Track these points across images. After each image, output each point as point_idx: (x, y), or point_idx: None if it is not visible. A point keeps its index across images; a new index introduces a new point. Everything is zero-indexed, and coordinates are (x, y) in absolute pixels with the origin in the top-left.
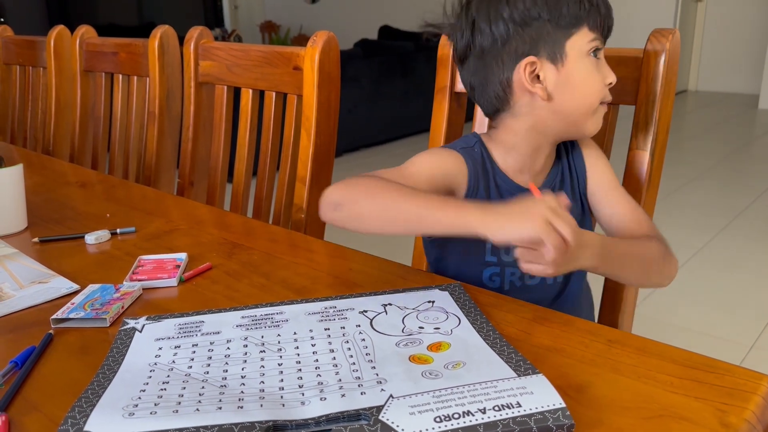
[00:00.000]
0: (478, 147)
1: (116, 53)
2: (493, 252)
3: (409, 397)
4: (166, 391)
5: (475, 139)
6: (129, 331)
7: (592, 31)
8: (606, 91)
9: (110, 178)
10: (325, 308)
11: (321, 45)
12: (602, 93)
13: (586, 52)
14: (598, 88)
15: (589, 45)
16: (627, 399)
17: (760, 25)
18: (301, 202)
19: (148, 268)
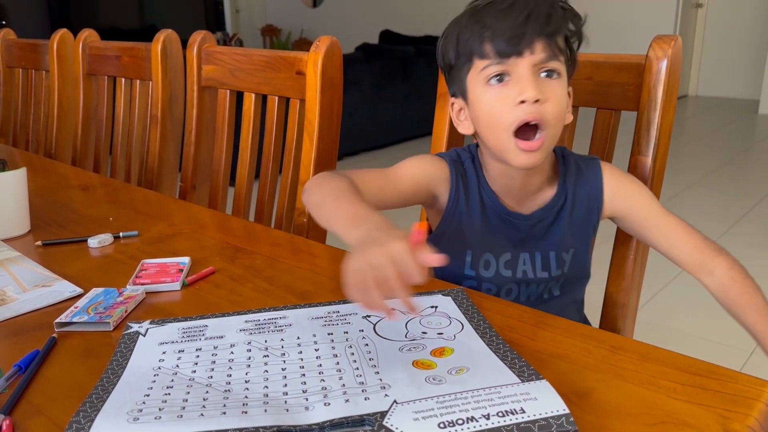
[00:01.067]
0: (469, 162)
1: (119, 57)
2: (472, 266)
3: (413, 402)
4: (170, 395)
5: (469, 155)
6: (133, 335)
7: (484, 59)
8: (517, 111)
9: (113, 181)
10: (328, 313)
11: (324, 50)
12: (508, 116)
13: (483, 82)
14: (500, 113)
15: (483, 73)
16: (630, 405)
17: (759, 30)
18: (303, 207)
19: (151, 272)
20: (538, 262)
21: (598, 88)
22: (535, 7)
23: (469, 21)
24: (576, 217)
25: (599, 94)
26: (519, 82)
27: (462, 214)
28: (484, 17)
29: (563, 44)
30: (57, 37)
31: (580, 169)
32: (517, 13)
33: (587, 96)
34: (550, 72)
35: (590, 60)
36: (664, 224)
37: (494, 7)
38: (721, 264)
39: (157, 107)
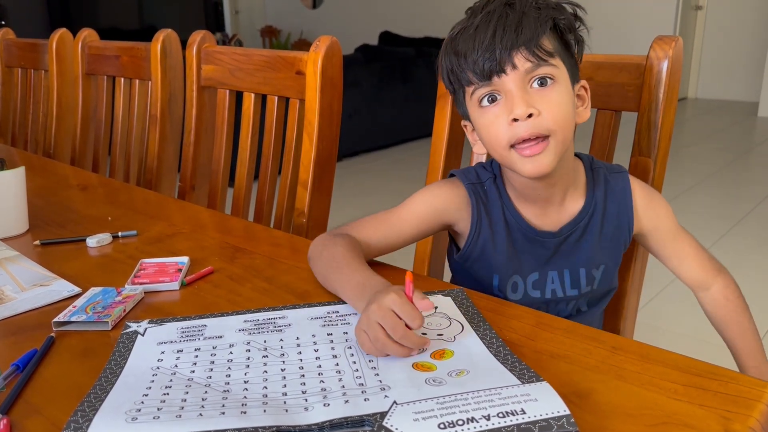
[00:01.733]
0: (490, 183)
1: (118, 56)
2: (500, 288)
3: (412, 403)
4: (168, 395)
5: (491, 174)
6: (131, 334)
7: (471, 84)
8: (512, 129)
9: (112, 181)
10: (327, 313)
11: (324, 50)
12: (504, 135)
13: (476, 104)
14: (496, 132)
15: (474, 97)
16: (631, 406)
17: (759, 32)
18: (302, 207)
19: (149, 271)
20: (567, 279)
21: (599, 88)
22: (500, 19)
23: (448, 52)
24: (606, 233)
25: (600, 94)
26: (508, 99)
27: (486, 239)
28: (458, 45)
29: (554, 43)
30: (56, 37)
31: (609, 182)
32: (483, 33)
33: None
34: (543, 79)
35: (590, 61)
36: (679, 243)
37: (466, 32)
38: (719, 282)
39: (156, 107)
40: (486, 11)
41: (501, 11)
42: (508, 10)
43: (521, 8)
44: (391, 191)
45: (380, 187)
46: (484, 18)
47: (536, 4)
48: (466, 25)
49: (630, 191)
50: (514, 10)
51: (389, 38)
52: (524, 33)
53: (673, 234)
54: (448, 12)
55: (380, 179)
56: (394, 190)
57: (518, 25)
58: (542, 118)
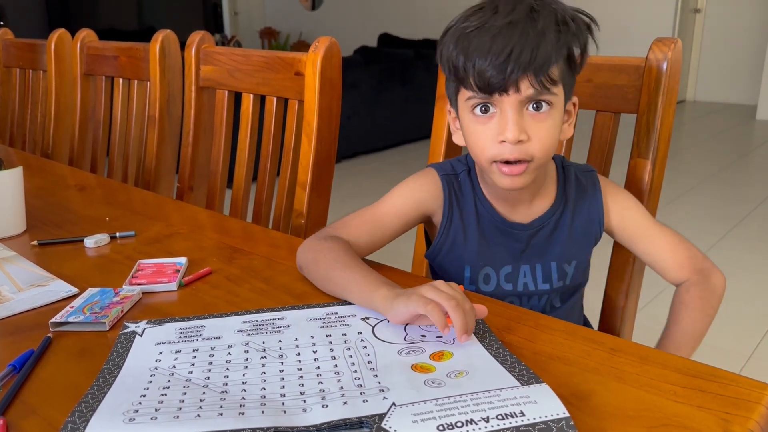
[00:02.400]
0: (464, 175)
1: (117, 57)
2: (471, 281)
3: (411, 405)
4: (166, 396)
5: (464, 167)
6: (129, 335)
7: (468, 90)
8: (498, 148)
9: (110, 181)
10: (326, 314)
11: (323, 51)
12: (488, 151)
13: (468, 109)
14: (482, 145)
15: (468, 102)
16: (631, 408)
17: (757, 35)
18: (301, 208)
19: (147, 272)
20: (539, 273)
21: (598, 90)
22: (519, 40)
23: (456, 44)
24: (576, 228)
25: (598, 96)
26: (502, 119)
27: (457, 229)
28: (469, 46)
29: (561, 69)
30: (55, 37)
31: (580, 181)
32: (499, 47)
33: (586, 98)
34: (539, 104)
35: (589, 62)
36: (654, 238)
37: (480, 35)
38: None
39: (154, 107)
40: (508, 20)
41: (523, 26)
42: (530, 26)
43: (543, 26)
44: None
45: (379, 188)
46: (504, 28)
47: (557, 23)
48: (483, 24)
49: (599, 188)
50: (535, 27)
51: (388, 40)
52: (538, 60)
53: (645, 229)
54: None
55: (379, 181)
56: None
57: (535, 48)
58: (530, 144)
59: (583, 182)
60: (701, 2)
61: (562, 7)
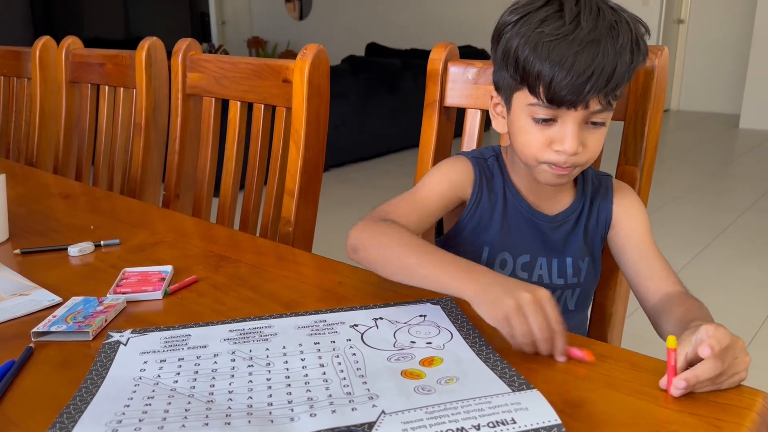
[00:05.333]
0: (493, 160)
1: (103, 64)
2: (488, 263)
3: (401, 413)
4: (151, 406)
5: (492, 153)
6: (113, 344)
7: (533, 96)
8: (551, 155)
9: (95, 189)
10: (314, 322)
11: (311, 58)
12: (540, 154)
13: (527, 113)
14: (535, 148)
15: (530, 108)
16: (622, 415)
17: (740, 45)
18: (289, 215)
19: (132, 280)
20: (555, 268)
21: None
22: (601, 60)
23: (534, 48)
24: (590, 226)
25: None
26: (563, 130)
27: (484, 211)
28: (549, 55)
29: (622, 89)
30: (39, 45)
31: (594, 183)
32: (581, 66)
33: None
34: (597, 122)
35: None
36: (652, 256)
37: (561, 48)
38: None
39: (140, 115)
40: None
41: (605, 44)
42: (610, 45)
43: (622, 45)
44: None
45: (368, 196)
46: (588, 45)
47: (632, 42)
48: (565, 36)
49: (612, 190)
50: (615, 46)
51: (376, 50)
52: (613, 81)
53: (646, 244)
54: (434, 24)
55: (368, 189)
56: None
57: (613, 69)
58: (582, 155)
59: (596, 183)
60: (684, 13)
61: (635, 25)
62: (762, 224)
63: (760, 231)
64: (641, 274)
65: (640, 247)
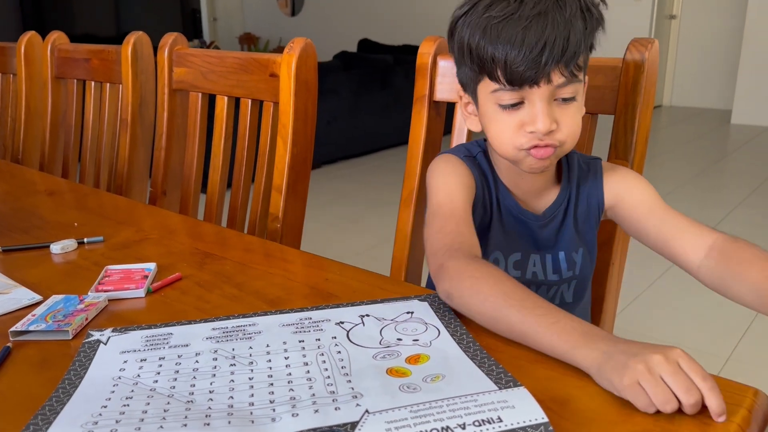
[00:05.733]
0: (481, 156)
1: (88, 60)
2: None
3: (385, 412)
4: (129, 407)
5: (479, 149)
6: (93, 343)
7: (493, 81)
8: (526, 138)
9: (81, 186)
10: (300, 320)
11: (298, 52)
12: (515, 140)
13: (493, 102)
14: (508, 135)
15: (494, 96)
16: (611, 413)
17: (732, 41)
18: (277, 212)
19: (114, 278)
20: (549, 264)
21: None
22: (551, 31)
23: (483, 33)
24: (580, 214)
25: None
26: (532, 110)
27: (480, 210)
28: (498, 37)
29: (583, 58)
30: (25, 40)
31: (582, 168)
32: (532, 39)
33: None
34: (567, 98)
35: None
36: (669, 216)
37: (509, 26)
38: (720, 237)
39: (127, 111)
40: (537, 10)
41: (553, 15)
42: (559, 15)
43: (570, 14)
44: (370, 198)
45: (360, 193)
46: (535, 19)
47: (582, 10)
48: (511, 14)
49: (601, 172)
50: (564, 16)
51: (368, 46)
52: (569, 50)
53: (661, 209)
54: (426, 20)
55: (360, 186)
56: (372, 197)
57: (566, 38)
58: (558, 131)
59: (584, 168)
60: (676, 9)
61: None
62: (754, 219)
63: (751, 226)
64: (670, 236)
65: (655, 213)
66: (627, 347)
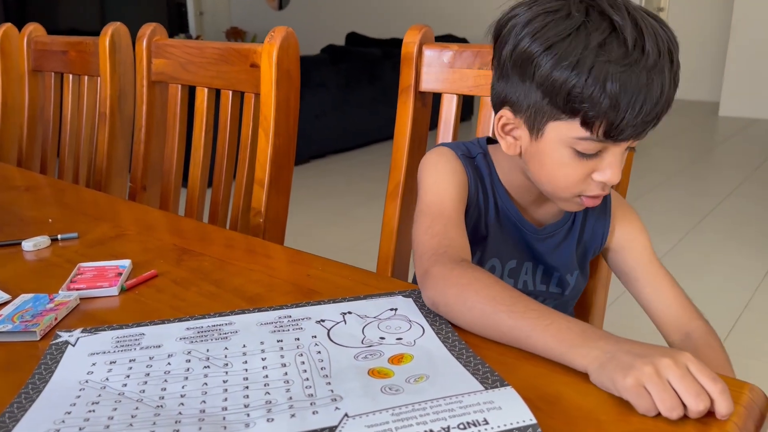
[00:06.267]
0: (480, 158)
1: (66, 52)
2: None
3: (365, 416)
4: (94, 413)
5: (479, 151)
6: (61, 345)
7: (587, 131)
8: (587, 185)
9: (58, 182)
10: (279, 318)
11: (279, 41)
12: (576, 186)
13: (568, 145)
14: (574, 181)
15: (576, 143)
16: (602, 411)
17: (719, 33)
18: (259, 206)
19: (87, 276)
20: (539, 273)
21: None
22: (668, 88)
23: (593, 75)
24: (585, 240)
25: None
26: (608, 161)
27: (478, 213)
28: (620, 90)
29: None
30: (0, 32)
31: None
32: (654, 97)
33: None
34: (632, 147)
35: None
36: (656, 272)
37: (632, 79)
38: (700, 327)
39: (105, 104)
40: (655, 66)
41: (666, 67)
42: (668, 70)
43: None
44: (360, 192)
45: (350, 187)
46: (657, 73)
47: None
48: (632, 62)
49: (609, 200)
50: (668, 71)
51: (356, 39)
52: (665, 110)
53: (648, 258)
54: (414, 13)
55: (350, 180)
56: (362, 191)
57: (669, 98)
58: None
59: None
60: (664, 1)
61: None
62: (742, 210)
63: (740, 216)
64: (654, 306)
65: (648, 276)
66: (632, 347)
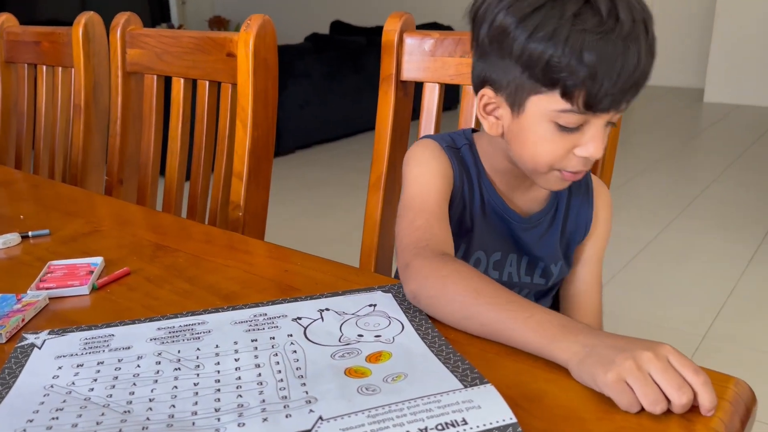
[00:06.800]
0: (466, 149)
1: (38, 42)
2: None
3: (341, 418)
4: (58, 420)
5: (465, 141)
6: (26, 347)
7: (566, 101)
8: (570, 160)
9: (33, 177)
10: (253, 316)
11: (256, 29)
12: (558, 161)
13: (550, 119)
14: (555, 156)
15: (558, 115)
16: (585, 410)
17: (704, 19)
18: (238, 200)
19: (57, 274)
20: (524, 265)
21: None
22: (645, 57)
23: (569, 44)
24: (569, 230)
25: None
26: (589, 134)
27: (463, 205)
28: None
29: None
30: None
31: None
32: (630, 65)
33: None
34: (613, 122)
35: None
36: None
37: (608, 46)
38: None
39: (80, 96)
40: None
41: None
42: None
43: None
44: (345, 183)
45: (335, 178)
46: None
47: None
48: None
49: (592, 190)
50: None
51: (340, 27)
52: (644, 77)
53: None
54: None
55: (335, 170)
56: (347, 182)
57: (645, 68)
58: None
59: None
60: None
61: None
62: (727, 196)
63: (725, 202)
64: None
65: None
66: (613, 341)
